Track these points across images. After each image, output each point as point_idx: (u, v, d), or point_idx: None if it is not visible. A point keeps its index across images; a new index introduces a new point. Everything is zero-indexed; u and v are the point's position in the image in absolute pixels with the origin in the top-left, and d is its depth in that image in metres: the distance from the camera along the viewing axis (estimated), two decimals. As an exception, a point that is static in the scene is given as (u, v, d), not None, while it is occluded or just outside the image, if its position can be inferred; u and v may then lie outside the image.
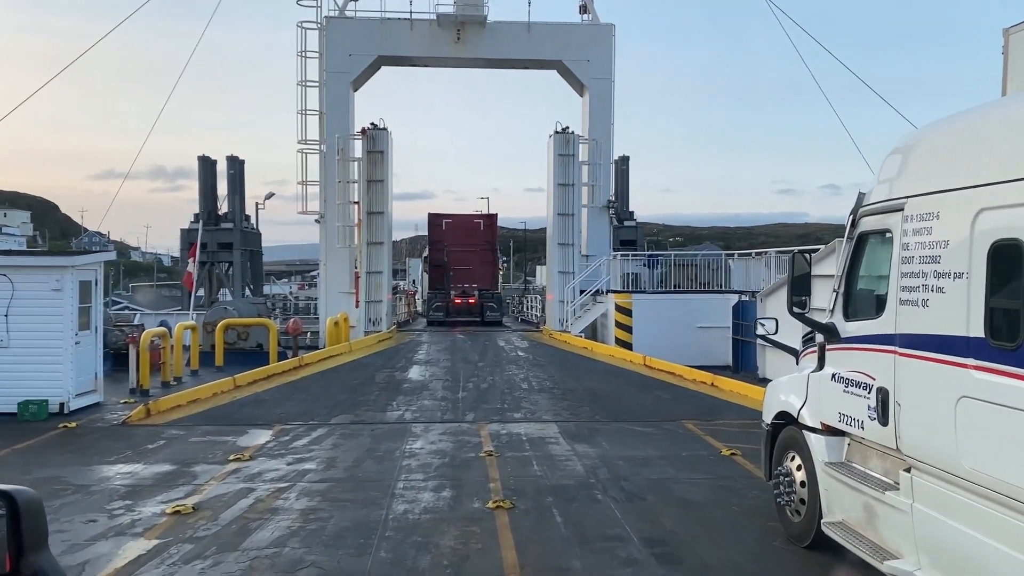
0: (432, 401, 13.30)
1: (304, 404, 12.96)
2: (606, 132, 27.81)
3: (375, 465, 8.83)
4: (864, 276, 5.59)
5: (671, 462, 9.01)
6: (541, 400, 13.46)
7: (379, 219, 25.43)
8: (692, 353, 20.60)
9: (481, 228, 33.98)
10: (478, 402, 13.24)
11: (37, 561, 1.86)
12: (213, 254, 47.99)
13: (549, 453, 9.44)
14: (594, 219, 27.84)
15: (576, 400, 13.48)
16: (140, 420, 11.60)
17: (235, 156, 49.51)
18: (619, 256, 22.46)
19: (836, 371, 5.51)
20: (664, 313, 21.40)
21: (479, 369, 17.25)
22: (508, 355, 20.15)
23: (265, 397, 13.66)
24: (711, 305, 21.47)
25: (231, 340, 21.54)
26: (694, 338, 21.24)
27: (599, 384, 15.21)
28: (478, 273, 32.89)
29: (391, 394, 13.96)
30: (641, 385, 15.24)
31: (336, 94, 27.35)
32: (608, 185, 28.00)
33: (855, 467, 5.30)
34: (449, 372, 16.75)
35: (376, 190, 25.40)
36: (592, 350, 20.72)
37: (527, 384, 15.21)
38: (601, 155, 27.30)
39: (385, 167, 25.41)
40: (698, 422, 11.61)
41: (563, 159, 25.84)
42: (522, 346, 22.31)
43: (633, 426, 11.35)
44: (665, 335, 21.09)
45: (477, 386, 14.93)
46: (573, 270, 25.55)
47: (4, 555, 1.84)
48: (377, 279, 25.22)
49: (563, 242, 25.95)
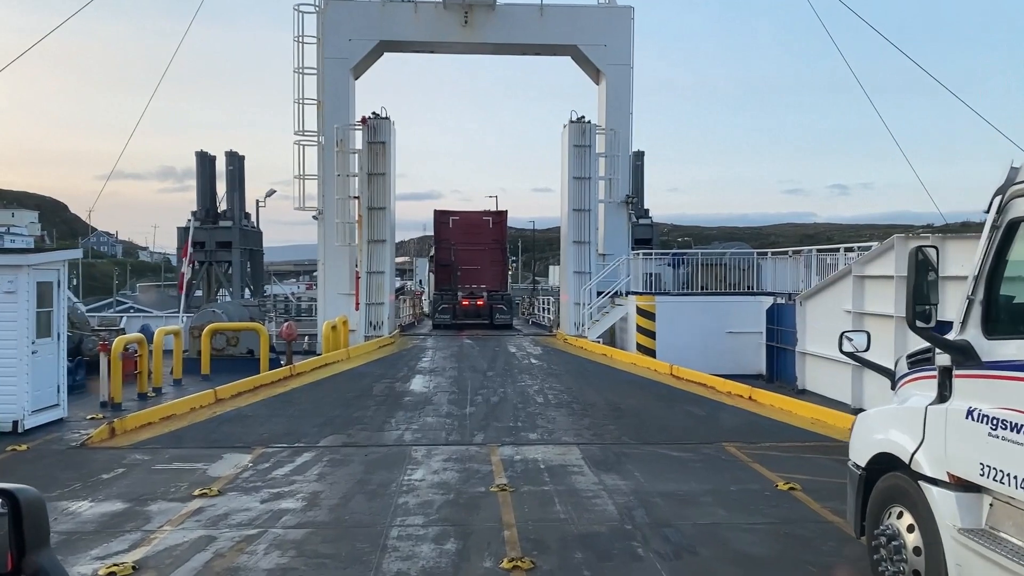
0: (436, 418, 12.02)
1: (291, 422, 11.71)
2: (624, 122, 26.49)
3: (366, 503, 7.55)
4: (1018, 278, 4.25)
5: (720, 500, 7.69)
6: (559, 417, 12.16)
7: (381, 215, 24.19)
8: (721, 361, 19.32)
9: (490, 226, 32.73)
10: (488, 419, 11.95)
11: (39, 560, 1.89)
12: (211, 253, 47.02)
13: (573, 487, 8.14)
14: (611, 215, 26.52)
15: (598, 417, 12.19)
16: (102, 441, 10.37)
17: (234, 151, 48.69)
18: (641, 255, 21.11)
19: (975, 406, 4.18)
20: (690, 317, 20.06)
21: (488, 379, 15.97)
22: (520, 363, 18.86)
23: (248, 413, 12.42)
24: (741, 308, 20.12)
25: (219, 346, 20.38)
26: (723, 345, 19.91)
27: (623, 397, 13.91)
28: (487, 273, 31.72)
29: (390, 409, 12.69)
30: (670, 399, 13.93)
31: (335, 82, 26.13)
32: (627, 179, 26.67)
33: (1007, 539, 3.99)
34: (455, 383, 15.49)
35: (378, 184, 24.16)
36: (612, 357, 19.41)
37: (542, 397, 13.92)
38: (619, 146, 25.96)
39: (387, 159, 24.17)
40: (741, 445, 10.31)
41: (579, 151, 24.54)
42: (535, 353, 21.01)
43: (667, 450, 10.05)
44: (691, 341, 19.77)
45: (487, 400, 13.65)
46: (589, 270, 24.24)
47: (6, 554, 1.87)
48: (379, 280, 23.98)
49: (578, 240, 24.64)
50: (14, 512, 1.88)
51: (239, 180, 47.26)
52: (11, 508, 1.88)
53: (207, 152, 48.51)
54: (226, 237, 45.97)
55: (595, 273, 24.15)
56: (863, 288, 13.81)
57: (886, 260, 12.88)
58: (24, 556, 1.87)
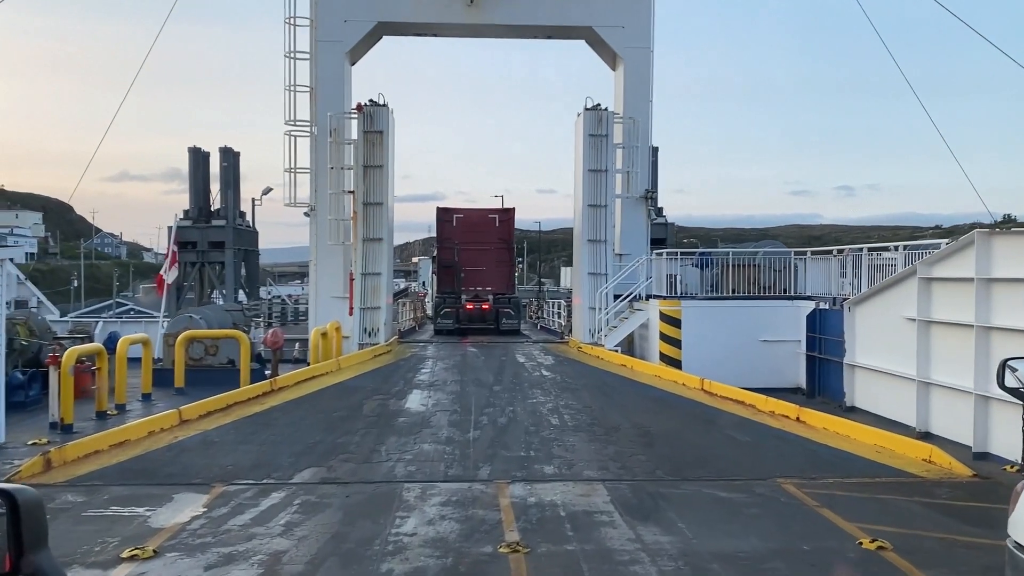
0: (434, 444, 10.52)
1: (264, 450, 10.22)
2: (644, 110, 24.95)
3: (339, 571, 6.05)
4: None
5: (795, 566, 6.18)
6: (578, 444, 10.63)
7: (377, 211, 22.69)
8: (754, 373, 17.82)
9: (496, 224, 31.24)
10: (495, 447, 10.44)
11: (37, 560, 1.94)
12: (204, 253, 45.80)
13: (603, 545, 6.63)
14: (629, 212, 24.99)
15: (625, 443, 10.66)
16: (32, 476, 8.89)
17: (229, 147, 47.39)
18: (665, 255, 19.52)
19: None
20: (719, 324, 18.53)
21: (495, 395, 14.46)
22: (530, 375, 17.34)
23: (215, 438, 10.93)
24: (777, 314, 18.58)
25: (197, 356, 18.96)
26: (756, 354, 18.39)
27: (651, 418, 12.38)
28: (493, 275, 30.28)
29: (381, 433, 11.19)
30: (706, 420, 12.39)
31: (329, 67, 24.67)
32: (646, 172, 25.13)
33: None
34: (458, 400, 13.98)
35: (374, 177, 22.67)
36: (633, 369, 17.88)
37: (557, 418, 12.39)
38: (639, 137, 24.42)
39: (385, 150, 22.67)
40: (800, 481, 8.80)
41: (594, 141, 23.00)
42: (546, 363, 19.49)
43: (712, 489, 8.54)
44: (721, 351, 18.25)
45: (493, 421, 12.14)
46: (605, 271, 22.69)
47: (4, 554, 1.92)
48: (374, 282, 22.48)
49: (594, 238, 23.09)
50: (12, 512, 1.94)
51: (234, 177, 45.92)
52: (9, 508, 1.94)
53: (200, 148, 47.44)
54: (219, 236, 44.83)
55: (612, 275, 22.61)
56: (930, 292, 12.24)
57: (962, 259, 11.32)
58: (22, 556, 1.93)
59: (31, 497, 1.99)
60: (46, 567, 1.95)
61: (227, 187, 46.64)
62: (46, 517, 2.04)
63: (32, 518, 1.96)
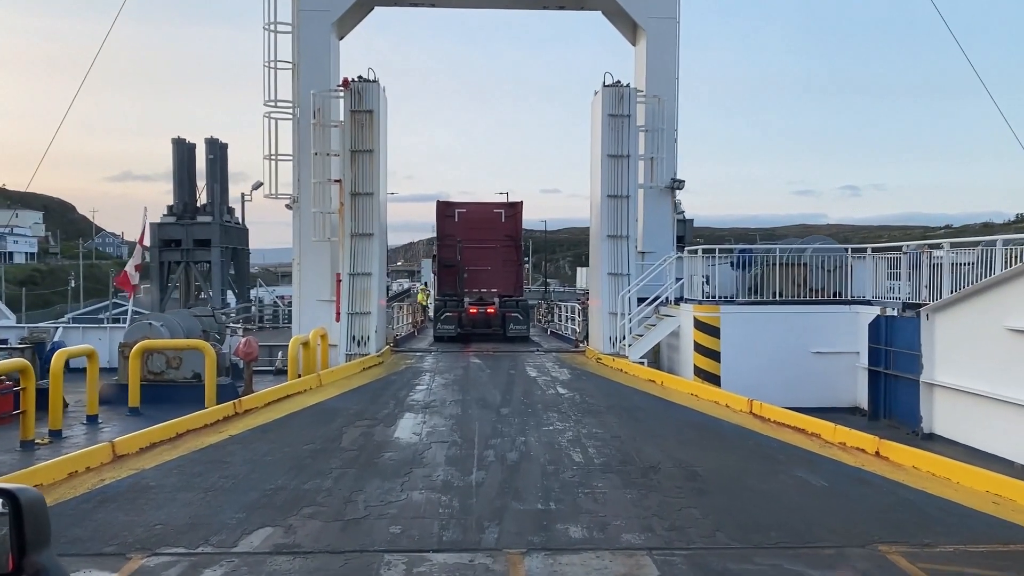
0: (427, 493, 8.59)
1: (208, 500, 8.31)
2: (669, 88, 23.02)
3: None
4: None
5: None
6: (610, 491, 8.69)
7: (367, 202, 20.78)
8: (804, 390, 16.02)
9: (502, 219, 29.41)
10: (504, 495, 8.50)
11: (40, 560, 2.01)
12: (188, 252, 44.05)
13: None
14: (653, 204, 23.06)
15: (670, 489, 8.72)
16: None
17: (215, 138, 45.62)
18: (701, 252, 17.51)
19: None
20: (764, 332, 16.61)
21: (503, 420, 12.53)
22: (544, 393, 15.40)
23: (152, 482, 9.02)
24: (831, 322, 16.65)
25: (157, 369, 17.14)
26: (807, 368, 16.49)
27: (696, 453, 10.44)
28: (499, 275, 28.51)
29: (360, 475, 9.27)
30: (764, 455, 10.45)
31: (313, 40, 22.82)
32: (673, 158, 23.18)
33: None
34: (458, 426, 12.06)
35: (363, 164, 20.76)
36: (665, 386, 15.94)
37: (581, 452, 10.45)
38: (664, 118, 22.47)
39: (376, 132, 20.75)
40: (910, 550, 6.90)
41: (615, 122, 21.05)
42: (561, 377, 17.55)
43: (798, 562, 6.63)
44: (765, 364, 16.40)
45: (501, 457, 10.21)
46: (628, 271, 20.75)
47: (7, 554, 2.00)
48: (364, 284, 20.57)
49: (614, 234, 21.15)
50: (15, 512, 2.02)
51: (221, 170, 44.11)
52: (12, 508, 2.02)
53: (185, 139, 45.58)
54: (205, 234, 43.05)
55: (635, 275, 20.67)
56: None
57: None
58: (25, 556, 2.00)
59: (33, 497, 2.08)
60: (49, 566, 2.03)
61: (214, 181, 44.90)
62: (48, 517, 2.12)
63: (34, 518, 2.04)
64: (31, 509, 2.03)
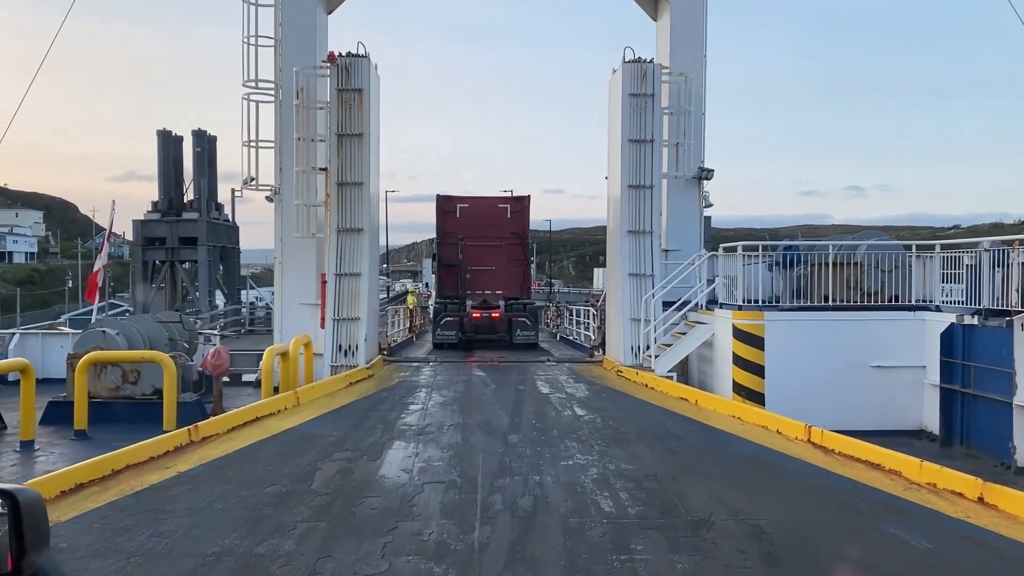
0: (415, 560, 6.82)
1: (130, 571, 6.54)
2: (697, 66, 21.20)
3: None
4: None
5: None
6: (654, 556, 6.91)
7: (356, 193, 19.02)
8: (860, 409, 14.35)
9: (508, 215, 27.78)
10: (515, 566, 6.73)
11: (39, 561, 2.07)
12: (174, 251, 42.34)
13: None
14: (678, 197, 21.25)
15: (730, 555, 6.95)
16: None
17: (203, 130, 43.96)
18: (740, 250, 15.61)
19: None
20: (814, 343, 14.81)
21: (513, 451, 10.76)
22: (559, 415, 13.62)
23: (60, 542, 7.24)
24: (892, 330, 14.86)
25: (113, 384, 15.46)
26: (863, 385, 14.70)
27: (754, 499, 8.65)
28: (504, 276, 26.97)
29: (332, 532, 7.50)
30: (843, 505, 8.64)
31: (298, 12, 21.02)
32: (701, 145, 21.38)
33: None
34: (458, 460, 10.29)
35: (351, 149, 19.01)
36: (699, 406, 14.18)
37: (610, 498, 8.67)
38: (691, 99, 20.66)
39: (366, 114, 18.99)
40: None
41: (636, 102, 19.26)
42: (578, 394, 15.78)
43: None
44: (816, 380, 14.61)
45: (511, 504, 8.43)
46: (651, 272, 18.98)
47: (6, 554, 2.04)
48: (353, 285, 18.81)
49: (636, 229, 19.36)
50: (14, 513, 2.06)
51: (209, 165, 42.44)
52: (11, 509, 2.06)
53: (171, 132, 43.88)
54: (191, 232, 41.40)
55: (659, 276, 18.89)
56: None
57: None
58: (24, 556, 2.04)
59: (32, 497, 2.12)
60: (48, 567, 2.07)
61: (201, 176, 43.21)
62: (47, 517, 2.18)
63: (33, 518, 2.08)
64: (30, 509, 2.07)
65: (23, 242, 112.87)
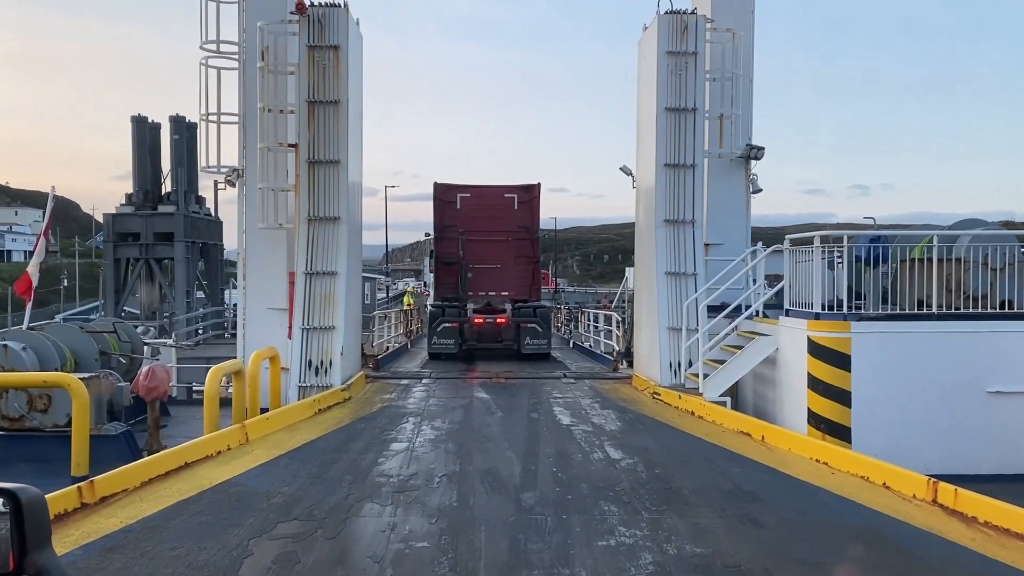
0: None
1: None
2: (745, 23, 18.50)
3: None
4: None
5: None
6: None
7: (330, 173, 16.32)
8: (976, 448, 11.84)
9: (515, 206, 25.25)
10: None
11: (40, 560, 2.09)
12: (149, 248, 40.14)
13: None
14: (722, 180, 18.59)
15: None
16: None
17: (181, 117, 41.84)
18: (818, 242, 12.71)
19: None
20: (913, 363, 12.05)
21: (528, 523, 8.03)
22: (587, 458, 10.88)
23: None
24: (1015, 345, 12.09)
25: (15, 413, 12.83)
26: (978, 415, 11.99)
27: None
28: (511, 275, 24.59)
29: None
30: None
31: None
32: (750, 117, 18.66)
33: None
34: (450, 539, 7.56)
35: (325, 120, 16.31)
36: (767, 443, 11.46)
37: (680, 612, 5.94)
38: (737, 61, 17.90)
39: (343, 77, 16.29)
40: None
41: (676, 62, 16.53)
42: (608, 426, 13.06)
43: None
44: (916, 410, 11.90)
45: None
46: (694, 270, 16.27)
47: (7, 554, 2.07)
48: (326, 286, 16.11)
49: (674, 218, 16.65)
50: (16, 512, 2.08)
51: (188, 154, 40.07)
52: (13, 508, 2.09)
53: (147, 118, 41.57)
54: (167, 227, 39.22)
55: (702, 276, 16.18)
56: None
57: None
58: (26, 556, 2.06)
59: (34, 496, 2.13)
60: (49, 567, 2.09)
61: (179, 165, 40.80)
62: (49, 516, 2.19)
63: (35, 517, 2.10)
64: (32, 508, 2.09)
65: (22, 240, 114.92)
